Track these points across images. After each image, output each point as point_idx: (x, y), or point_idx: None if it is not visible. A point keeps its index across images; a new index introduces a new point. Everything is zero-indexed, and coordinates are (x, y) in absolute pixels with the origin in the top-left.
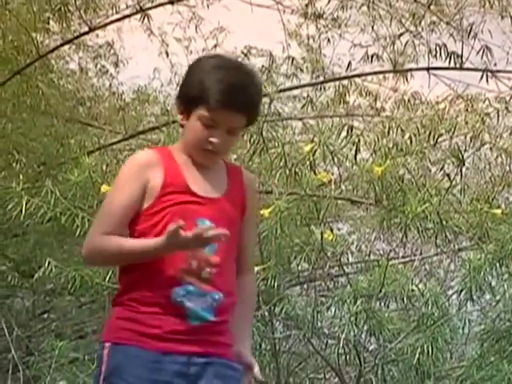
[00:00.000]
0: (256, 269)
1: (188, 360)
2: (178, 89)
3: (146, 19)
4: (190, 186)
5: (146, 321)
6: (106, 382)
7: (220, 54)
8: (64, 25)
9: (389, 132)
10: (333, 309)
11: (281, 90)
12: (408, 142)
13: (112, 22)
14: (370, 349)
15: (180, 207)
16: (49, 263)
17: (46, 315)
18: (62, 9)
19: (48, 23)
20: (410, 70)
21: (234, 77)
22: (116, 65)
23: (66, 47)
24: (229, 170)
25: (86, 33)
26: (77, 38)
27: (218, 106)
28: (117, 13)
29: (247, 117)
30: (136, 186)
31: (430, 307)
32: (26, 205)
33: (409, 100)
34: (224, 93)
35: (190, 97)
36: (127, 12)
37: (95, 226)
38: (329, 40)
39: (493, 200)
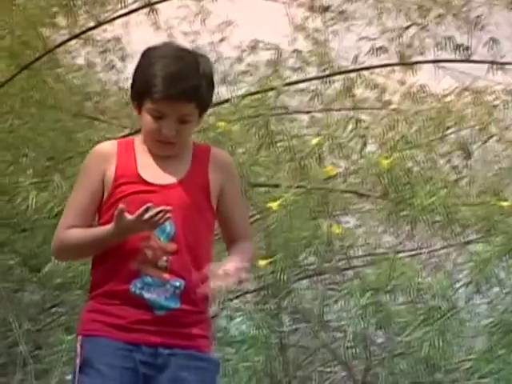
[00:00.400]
0: (264, 262)
1: (155, 351)
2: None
3: (153, 13)
4: (142, 175)
5: (112, 312)
6: (80, 373)
7: (168, 42)
8: (71, 19)
9: (396, 125)
10: (340, 302)
11: (288, 84)
12: (415, 134)
13: (119, 17)
14: (378, 342)
15: (131, 197)
16: None
17: (54, 309)
18: (69, 3)
19: (55, 18)
20: (417, 62)
21: (173, 65)
22: (123, 59)
23: (74, 42)
24: (195, 152)
25: (94, 27)
26: (84, 32)
27: (160, 97)
28: (124, 7)
29: (195, 104)
30: (93, 179)
31: (438, 300)
32: (34, 199)
33: (416, 93)
34: (163, 83)
35: (136, 91)
36: (134, 6)
37: (60, 221)
38: (335, 33)
39: (500, 192)
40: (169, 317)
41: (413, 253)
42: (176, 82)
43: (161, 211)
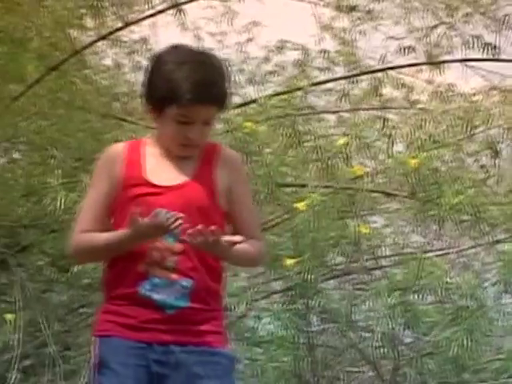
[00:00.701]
0: (291, 262)
1: (167, 349)
2: (143, 88)
3: (180, 14)
4: (148, 177)
5: (124, 312)
6: (97, 373)
7: (177, 45)
8: (99, 21)
9: (424, 124)
10: (368, 302)
11: (315, 84)
12: (443, 134)
13: (146, 18)
14: (406, 342)
15: (137, 200)
16: None
17: (82, 310)
18: (97, 5)
19: (83, 19)
20: (445, 61)
21: (199, 71)
22: None
23: (101, 43)
24: (204, 152)
25: (121, 28)
26: (111, 33)
27: (190, 104)
28: (151, 8)
29: (220, 106)
30: (104, 182)
31: (466, 300)
32: (62, 200)
33: (444, 92)
34: (193, 90)
35: (158, 97)
36: (161, 7)
37: (75, 226)
38: (363, 33)
39: None
40: (179, 315)
41: (441, 252)
42: (205, 88)
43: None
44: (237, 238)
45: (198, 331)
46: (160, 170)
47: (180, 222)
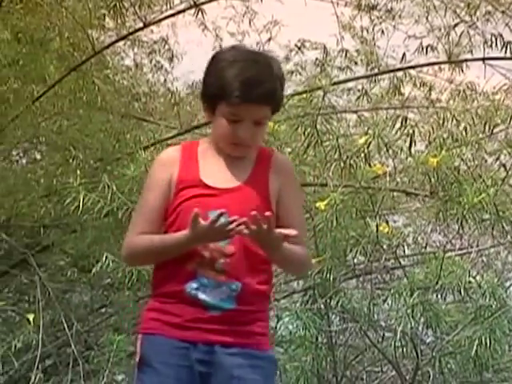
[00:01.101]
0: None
1: (211, 349)
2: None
3: (200, 14)
4: (204, 178)
5: (169, 310)
6: (139, 370)
7: (237, 45)
8: (119, 21)
9: (444, 123)
10: (389, 301)
11: (335, 83)
12: (463, 132)
13: (166, 18)
14: (427, 341)
15: (191, 202)
16: (106, 258)
17: (103, 310)
18: (117, 5)
19: (103, 20)
20: (466, 60)
21: (250, 70)
22: (171, 60)
23: (121, 43)
24: (258, 155)
25: (141, 29)
26: (132, 33)
27: (238, 102)
28: (171, 8)
29: (271, 107)
30: (159, 185)
31: (487, 299)
32: (83, 200)
33: (464, 91)
34: (242, 88)
35: (210, 94)
36: (181, 7)
37: (130, 228)
38: (383, 32)
39: None
40: (225, 316)
41: (462, 251)
42: (254, 87)
43: (234, 221)
44: (291, 231)
45: (244, 332)
46: (215, 172)
47: (242, 227)
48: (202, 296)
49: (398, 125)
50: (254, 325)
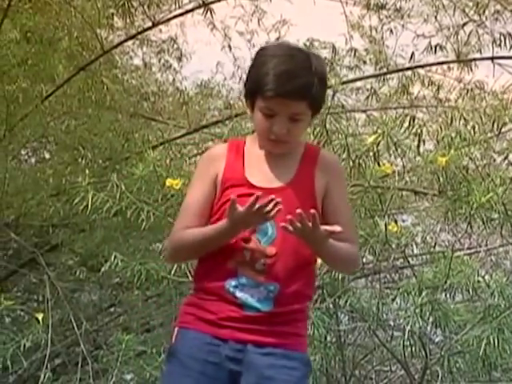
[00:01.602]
0: (320, 261)
1: (243, 348)
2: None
3: (208, 13)
4: (249, 178)
5: (204, 306)
6: (166, 361)
7: (282, 42)
8: (128, 20)
9: (452, 122)
10: (398, 300)
11: (344, 82)
12: (472, 131)
13: (175, 17)
14: (436, 340)
15: (238, 201)
16: (115, 257)
17: (112, 309)
18: (126, 4)
19: (112, 19)
20: (474, 59)
21: (286, 64)
22: (179, 59)
23: (130, 42)
24: (304, 153)
25: (150, 28)
26: (140, 33)
27: (271, 95)
28: (180, 7)
29: (306, 103)
30: (205, 181)
31: (496, 298)
32: (92, 199)
33: (473, 90)
34: (275, 81)
35: (249, 89)
36: (190, 6)
37: (176, 223)
38: (391, 31)
39: None
40: (260, 317)
41: (470, 251)
42: (287, 80)
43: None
44: (336, 227)
45: (278, 332)
46: (260, 171)
47: (279, 206)
48: (239, 294)
49: (406, 124)
50: (290, 325)
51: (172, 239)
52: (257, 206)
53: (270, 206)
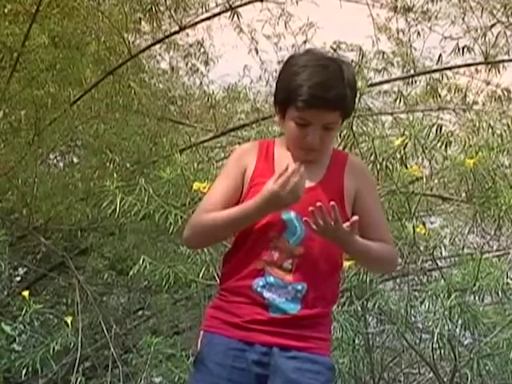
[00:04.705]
0: (348, 263)
1: (269, 351)
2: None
3: (235, 17)
4: None
5: (230, 309)
6: (194, 368)
7: (311, 49)
8: (155, 25)
9: (480, 125)
10: (426, 303)
11: (371, 85)
12: (500, 134)
13: (202, 21)
14: (465, 343)
15: None
16: (143, 260)
17: (141, 312)
18: (153, 9)
19: (139, 23)
20: (503, 61)
21: (319, 75)
22: (206, 63)
23: (157, 47)
24: (333, 158)
25: (177, 32)
26: (167, 37)
27: (305, 106)
28: (206, 11)
29: (340, 112)
30: (234, 173)
31: None
32: (120, 203)
33: (501, 92)
34: (309, 92)
35: (280, 99)
36: (217, 10)
37: (199, 206)
38: (419, 33)
39: None
40: (285, 319)
41: (499, 253)
42: (322, 92)
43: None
44: (354, 217)
45: (303, 336)
46: None
47: (302, 169)
48: (267, 294)
49: (434, 127)
50: (315, 329)
51: (193, 222)
52: (284, 176)
53: (297, 177)
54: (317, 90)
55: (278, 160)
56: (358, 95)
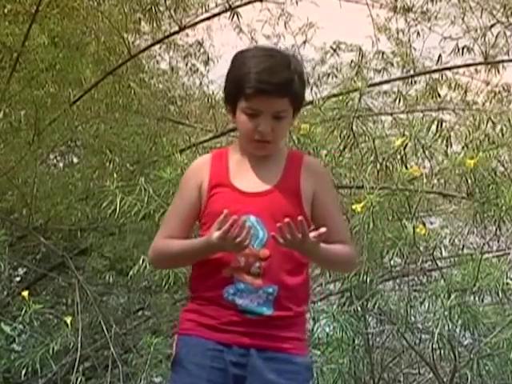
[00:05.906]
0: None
1: (246, 352)
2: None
3: (235, 17)
4: (235, 183)
5: (205, 312)
6: (172, 371)
7: (258, 45)
8: (154, 25)
9: (480, 125)
10: (426, 303)
11: (371, 85)
12: (500, 134)
13: (202, 21)
14: (465, 343)
15: (222, 206)
16: (143, 261)
17: (141, 312)
18: (153, 9)
19: (139, 24)
20: (502, 61)
21: (265, 62)
22: (206, 63)
23: (157, 47)
24: (288, 159)
25: (176, 32)
26: (167, 37)
27: (253, 93)
28: (206, 11)
29: (288, 99)
30: (190, 191)
31: None
32: (120, 203)
33: (501, 92)
34: (256, 78)
35: (230, 91)
36: (216, 10)
37: (159, 232)
38: (418, 33)
39: None
40: (260, 321)
41: (499, 253)
42: (268, 77)
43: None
44: (322, 229)
45: (279, 337)
46: (245, 176)
47: (251, 232)
48: (239, 301)
49: (434, 127)
50: (290, 329)
51: (154, 248)
52: (223, 230)
53: (244, 233)
54: (263, 76)
55: (232, 165)
56: (358, 95)
